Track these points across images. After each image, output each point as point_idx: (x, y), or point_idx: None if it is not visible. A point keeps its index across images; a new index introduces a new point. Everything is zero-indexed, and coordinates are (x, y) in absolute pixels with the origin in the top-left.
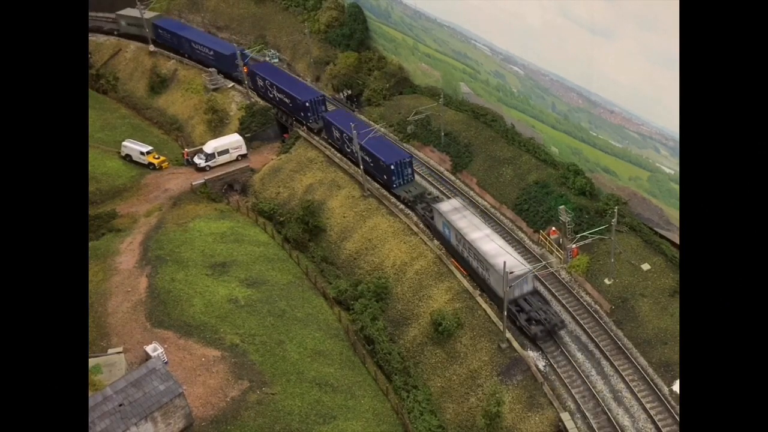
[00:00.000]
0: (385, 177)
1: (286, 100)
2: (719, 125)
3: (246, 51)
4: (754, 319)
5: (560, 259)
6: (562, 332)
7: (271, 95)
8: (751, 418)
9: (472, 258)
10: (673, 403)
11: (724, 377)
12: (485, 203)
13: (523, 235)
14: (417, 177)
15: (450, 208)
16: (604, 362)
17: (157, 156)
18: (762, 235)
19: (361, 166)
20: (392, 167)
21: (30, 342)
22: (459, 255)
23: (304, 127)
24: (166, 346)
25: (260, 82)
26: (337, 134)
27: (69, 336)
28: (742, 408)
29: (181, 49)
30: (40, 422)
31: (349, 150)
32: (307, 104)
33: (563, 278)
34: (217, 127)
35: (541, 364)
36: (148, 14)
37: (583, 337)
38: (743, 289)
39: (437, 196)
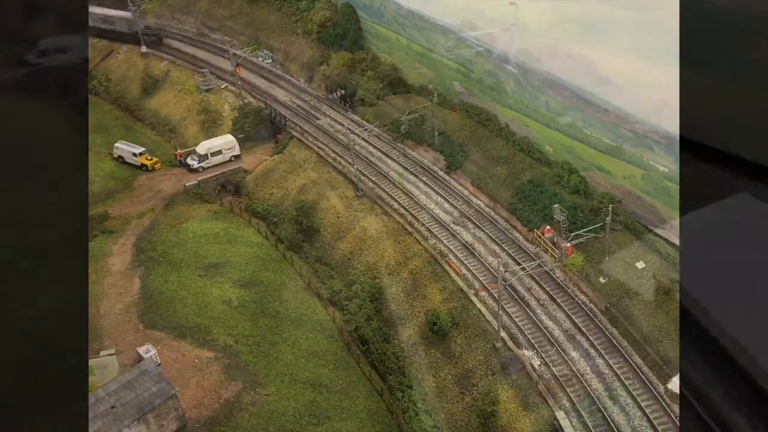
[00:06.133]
0: None
1: None
2: (719, 124)
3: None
4: (754, 319)
5: (555, 257)
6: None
7: None
8: (751, 416)
9: (108, 25)
10: (668, 401)
11: (724, 376)
12: (479, 203)
13: (517, 234)
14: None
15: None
16: (599, 360)
17: (149, 157)
18: (762, 235)
19: None
20: None
21: (32, 344)
22: (104, 30)
23: None
24: (158, 347)
25: None
26: None
27: (69, 339)
28: (742, 406)
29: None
30: (43, 423)
31: None
32: None
33: (558, 277)
34: (210, 128)
35: (536, 363)
36: None
37: (578, 336)
38: (743, 288)
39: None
